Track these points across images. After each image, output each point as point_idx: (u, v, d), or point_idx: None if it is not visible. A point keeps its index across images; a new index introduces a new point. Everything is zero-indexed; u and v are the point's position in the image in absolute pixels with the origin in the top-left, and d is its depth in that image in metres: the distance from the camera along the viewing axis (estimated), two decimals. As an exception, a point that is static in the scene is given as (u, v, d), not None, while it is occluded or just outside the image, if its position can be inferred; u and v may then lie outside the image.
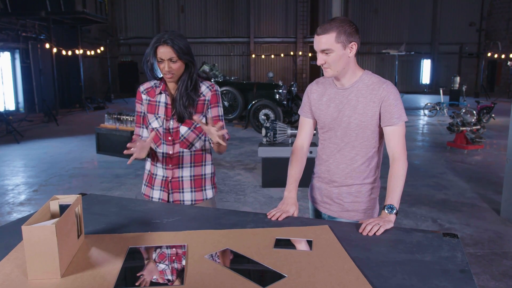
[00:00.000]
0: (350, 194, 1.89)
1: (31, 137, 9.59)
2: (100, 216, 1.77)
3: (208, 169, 2.15)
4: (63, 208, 1.44)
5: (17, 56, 13.54)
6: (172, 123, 2.02)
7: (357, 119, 1.79)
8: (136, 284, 1.23)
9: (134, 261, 1.37)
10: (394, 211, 1.67)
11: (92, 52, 16.16)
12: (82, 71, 15.65)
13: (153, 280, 1.25)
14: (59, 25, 14.43)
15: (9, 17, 12.50)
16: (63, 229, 1.31)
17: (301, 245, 1.47)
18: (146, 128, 2.11)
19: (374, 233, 1.56)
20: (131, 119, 7.45)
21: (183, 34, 1.97)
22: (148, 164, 2.17)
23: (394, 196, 1.71)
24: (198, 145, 2.08)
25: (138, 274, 1.28)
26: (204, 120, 2.04)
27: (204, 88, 2.05)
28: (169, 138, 2.04)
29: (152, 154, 2.12)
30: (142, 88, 2.09)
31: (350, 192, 1.88)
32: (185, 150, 2.06)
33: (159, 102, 2.05)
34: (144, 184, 2.20)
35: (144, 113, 2.09)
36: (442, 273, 1.28)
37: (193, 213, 1.84)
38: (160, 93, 2.05)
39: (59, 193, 1.53)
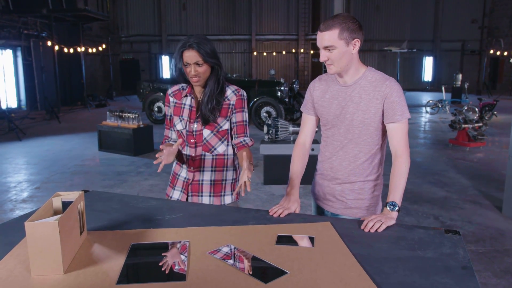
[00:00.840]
0: (353, 191, 1.89)
1: (33, 134, 9.61)
2: (102, 213, 1.77)
3: (230, 175, 2.12)
4: (65, 204, 1.44)
5: (19, 53, 13.55)
6: (196, 126, 2.03)
7: (360, 116, 1.78)
8: (139, 280, 1.24)
9: (137, 258, 1.38)
10: (396, 208, 1.67)
11: (94, 50, 16.16)
12: (84, 69, 15.66)
13: (156, 277, 1.25)
14: (60, 23, 14.42)
15: (10, 14, 12.50)
16: (66, 226, 1.31)
17: (303, 242, 1.48)
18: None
19: (376, 230, 1.56)
20: (133, 117, 7.45)
21: (208, 38, 1.97)
22: (174, 165, 2.19)
23: (396, 193, 1.71)
24: (220, 149, 2.07)
25: (140, 271, 1.29)
26: (227, 125, 2.05)
27: (229, 92, 2.04)
28: (192, 140, 2.05)
29: (178, 155, 2.13)
30: (170, 91, 2.13)
31: (353, 189, 1.88)
32: (207, 153, 2.06)
33: (184, 104, 2.07)
34: (168, 184, 2.23)
35: (171, 115, 2.12)
36: (444, 269, 1.28)
37: (195, 210, 1.84)
38: (186, 95, 2.07)
39: (61, 190, 1.53)
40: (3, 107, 12.20)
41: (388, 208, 1.67)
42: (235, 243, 1.46)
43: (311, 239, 1.49)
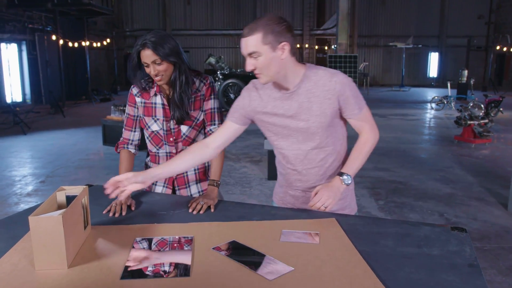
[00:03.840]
0: None
1: (38, 128, 9.64)
2: (106, 208, 1.76)
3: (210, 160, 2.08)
4: (69, 199, 1.44)
5: (23, 47, 13.60)
6: (173, 124, 1.97)
7: (316, 121, 1.63)
8: (142, 275, 1.23)
9: (141, 253, 1.37)
10: (344, 176, 1.64)
11: (98, 44, 16.20)
12: (88, 63, 15.69)
13: (160, 272, 1.25)
14: (65, 17, 14.45)
15: (15, 8, 12.52)
16: (70, 220, 1.31)
17: (308, 238, 1.47)
18: (140, 131, 2.05)
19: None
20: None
21: (168, 34, 1.86)
22: (148, 162, 2.15)
23: (351, 165, 1.67)
24: (198, 139, 2.05)
25: (144, 266, 1.28)
26: (202, 117, 2.01)
27: (198, 83, 1.97)
28: (171, 139, 2.00)
29: (151, 154, 2.09)
30: (135, 91, 1.99)
31: None
32: (187, 147, 2.01)
33: (155, 103, 1.97)
34: None
35: (137, 116, 2.02)
36: (450, 267, 1.27)
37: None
38: (155, 94, 1.96)
39: (65, 184, 1.53)
40: (8, 101, 12.26)
41: (340, 178, 1.64)
42: (239, 239, 1.45)
43: (316, 235, 1.48)
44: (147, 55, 1.77)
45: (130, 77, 1.91)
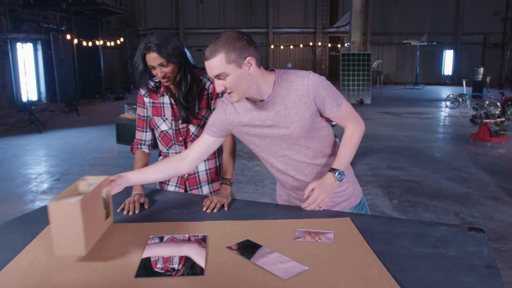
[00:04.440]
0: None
1: (53, 127, 9.76)
2: (120, 206, 1.77)
3: (221, 159, 2.10)
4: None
5: (39, 47, 13.77)
6: (181, 122, 1.98)
7: (297, 127, 1.60)
8: (156, 274, 1.23)
9: (154, 251, 1.38)
10: (337, 173, 1.64)
11: (112, 43, 16.32)
12: (102, 62, 15.83)
13: (173, 271, 1.25)
14: (79, 16, 14.60)
15: (31, 8, 12.70)
16: (89, 206, 1.33)
17: (322, 237, 1.46)
18: (152, 131, 2.06)
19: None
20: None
21: (171, 34, 1.85)
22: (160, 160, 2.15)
23: (340, 160, 1.66)
24: None
25: (158, 264, 1.29)
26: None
27: (205, 81, 1.96)
28: (180, 138, 2.00)
29: (162, 154, 2.10)
30: (143, 91, 2.00)
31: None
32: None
33: (163, 103, 1.98)
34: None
35: (147, 116, 2.03)
36: (468, 268, 1.25)
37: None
38: (162, 95, 1.97)
39: (80, 182, 1.54)
40: (24, 100, 12.43)
41: (332, 174, 1.64)
42: (253, 238, 1.45)
43: (331, 235, 1.47)
44: (153, 58, 1.77)
45: (138, 81, 1.90)
